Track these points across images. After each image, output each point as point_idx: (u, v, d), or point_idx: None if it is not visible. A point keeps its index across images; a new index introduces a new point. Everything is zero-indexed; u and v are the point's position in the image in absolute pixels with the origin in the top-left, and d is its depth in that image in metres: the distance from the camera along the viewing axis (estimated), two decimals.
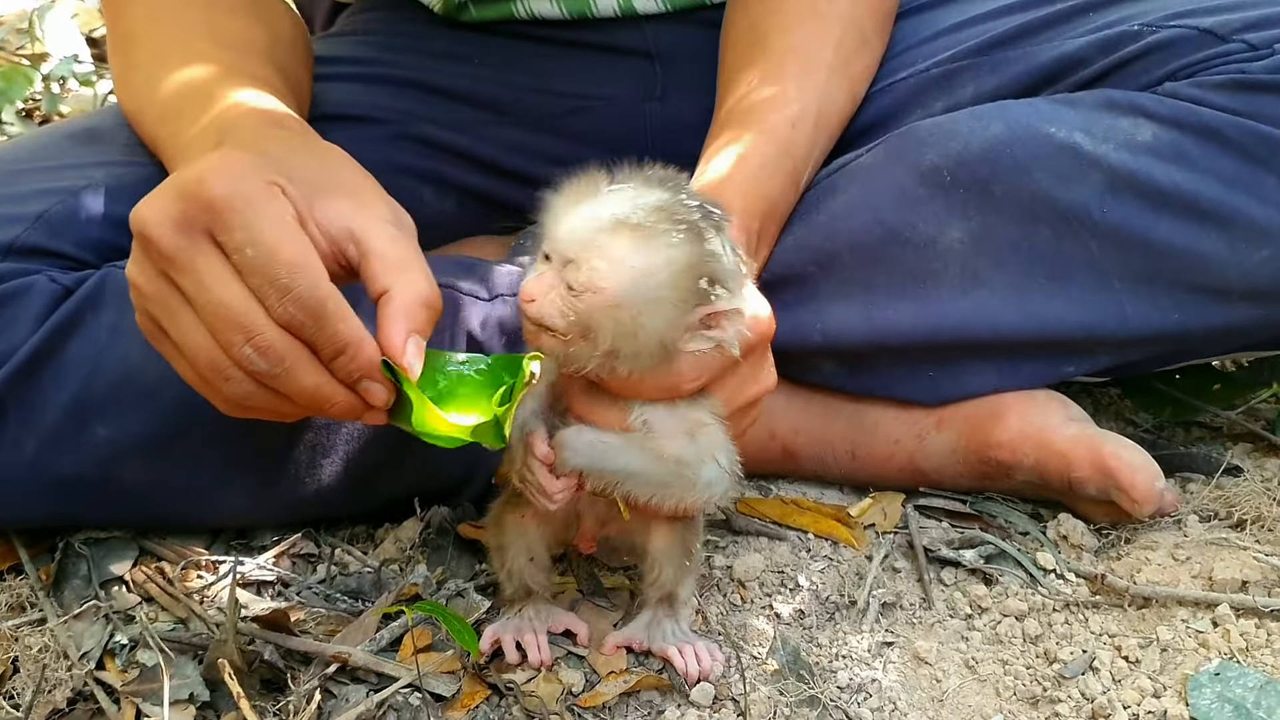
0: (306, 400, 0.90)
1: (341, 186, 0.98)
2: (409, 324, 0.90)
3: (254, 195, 0.87)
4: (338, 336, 0.87)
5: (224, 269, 0.86)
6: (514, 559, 1.11)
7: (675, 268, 0.90)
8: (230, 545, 1.29)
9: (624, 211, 0.90)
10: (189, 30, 1.26)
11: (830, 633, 1.17)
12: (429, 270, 0.94)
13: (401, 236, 0.95)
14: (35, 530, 1.26)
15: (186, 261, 0.87)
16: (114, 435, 1.17)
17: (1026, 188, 1.22)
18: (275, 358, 0.87)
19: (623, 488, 0.98)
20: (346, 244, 0.93)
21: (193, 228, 0.86)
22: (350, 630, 1.14)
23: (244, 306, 0.86)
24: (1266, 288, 1.23)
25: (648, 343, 0.92)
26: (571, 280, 0.90)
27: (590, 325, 0.91)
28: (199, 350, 0.89)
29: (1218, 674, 1.08)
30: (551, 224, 0.92)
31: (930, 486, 1.37)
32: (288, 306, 0.86)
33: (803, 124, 1.26)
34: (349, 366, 0.89)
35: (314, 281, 0.86)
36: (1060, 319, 1.25)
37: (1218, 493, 1.35)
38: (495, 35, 1.54)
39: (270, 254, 0.85)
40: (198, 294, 0.87)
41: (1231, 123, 1.20)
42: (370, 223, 0.94)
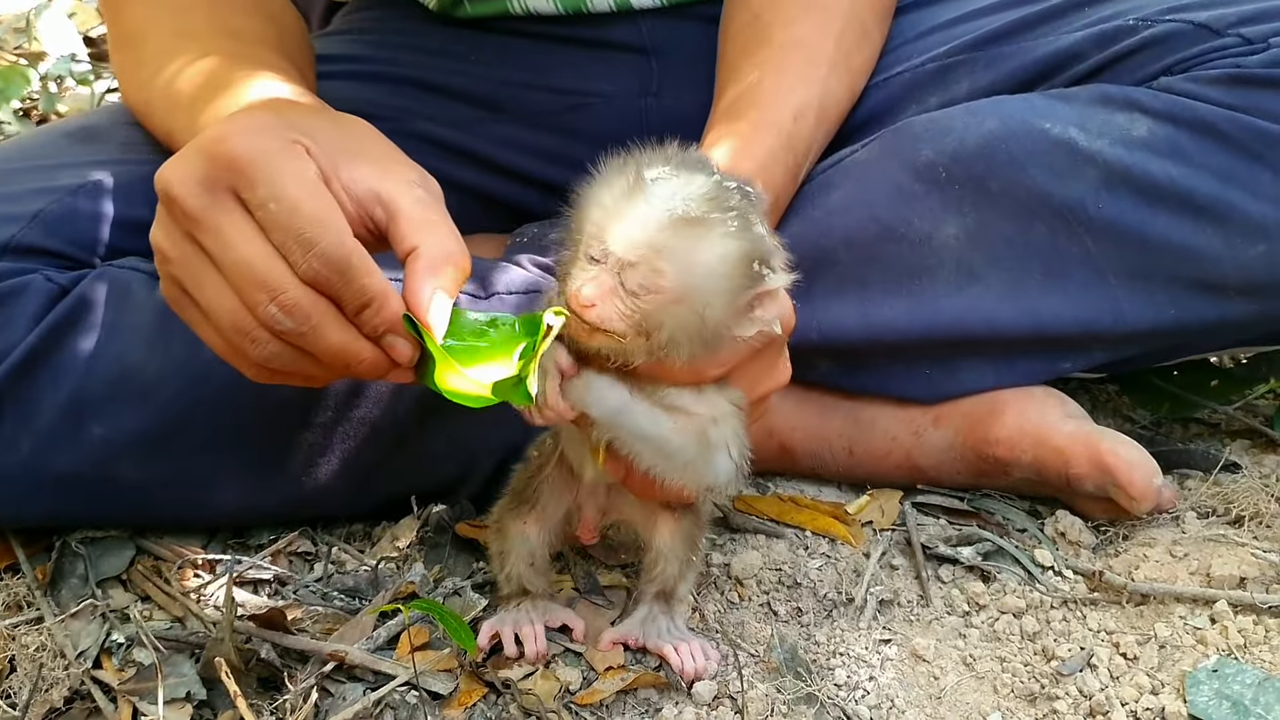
0: (333, 359, 0.89)
1: (367, 152, 0.97)
2: (435, 281, 0.89)
3: (276, 151, 0.87)
4: (364, 290, 0.87)
5: (248, 227, 0.86)
6: (515, 564, 1.11)
7: (733, 257, 0.89)
8: (227, 544, 1.29)
9: (677, 206, 0.88)
10: (197, 25, 1.26)
11: (828, 630, 1.17)
12: (456, 231, 0.93)
13: (429, 199, 0.94)
14: (32, 529, 1.26)
15: (210, 220, 0.87)
16: (110, 433, 1.17)
17: (1022, 183, 1.22)
18: (301, 316, 0.86)
19: (633, 449, 0.96)
20: (373, 206, 0.92)
21: (216, 186, 0.86)
22: (347, 629, 1.14)
23: (268, 265, 0.86)
24: (1262, 283, 1.23)
25: (706, 333, 0.92)
26: (633, 282, 0.88)
27: (652, 324, 0.90)
28: (224, 313, 0.88)
29: (1215, 671, 1.08)
30: (600, 224, 0.90)
31: (928, 484, 1.36)
32: (312, 262, 0.85)
33: (804, 117, 1.25)
34: (375, 320, 0.88)
35: (338, 236, 0.86)
36: (1056, 315, 1.25)
37: (1216, 489, 1.35)
38: (490, 32, 1.53)
39: (293, 209, 0.85)
40: (222, 253, 0.87)
41: (1227, 117, 1.20)
42: (397, 185, 0.93)
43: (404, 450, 1.25)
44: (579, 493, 1.10)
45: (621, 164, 0.92)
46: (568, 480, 1.10)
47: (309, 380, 0.96)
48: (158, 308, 1.20)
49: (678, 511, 1.09)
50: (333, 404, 1.22)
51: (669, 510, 1.08)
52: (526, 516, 1.10)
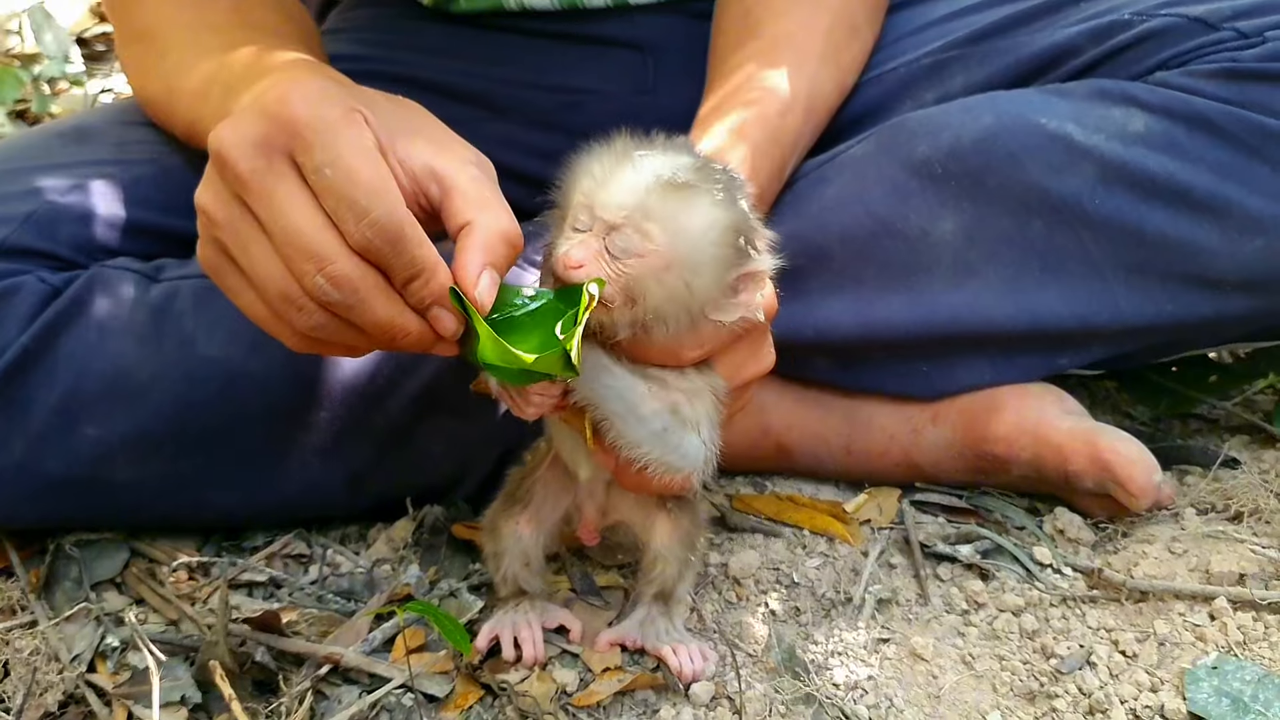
0: (379, 331, 0.88)
1: (423, 131, 0.96)
2: (486, 257, 0.88)
3: (336, 118, 0.86)
4: (414, 262, 0.85)
5: (300, 193, 0.85)
6: (509, 565, 1.10)
7: (720, 227, 0.89)
8: (221, 546, 1.29)
9: (667, 172, 0.88)
10: (220, 19, 1.25)
11: (826, 629, 1.16)
12: (510, 210, 0.92)
13: (484, 178, 0.93)
14: (25, 532, 1.26)
15: (262, 184, 0.85)
16: (104, 435, 1.17)
17: (1018, 179, 1.22)
18: (348, 288, 0.85)
19: (607, 411, 0.95)
20: (428, 183, 0.91)
21: (272, 148, 0.85)
22: (342, 631, 1.14)
23: (318, 234, 0.84)
24: (1260, 278, 1.22)
25: (691, 305, 0.91)
26: (620, 245, 0.88)
27: (638, 290, 0.89)
28: (270, 280, 0.87)
29: (1215, 668, 1.07)
30: (588, 192, 0.90)
31: (926, 481, 1.36)
32: (365, 230, 0.84)
33: (792, 112, 1.25)
34: (423, 292, 0.87)
35: (392, 205, 0.84)
36: (1053, 311, 1.24)
37: (1215, 485, 1.35)
38: (485, 29, 1.53)
39: (349, 175, 0.84)
40: (272, 219, 0.85)
41: (1224, 112, 1.19)
42: (453, 162, 0.92)
43: (399, 450, 1.25)
44: (578, 494, 1.10)
45: (608, 145, 0.93)
46: (565, 482, 1.10)
47: (350, 350, 0.95)
48: (151, 308, 1.20)
49: (674, 512, 1.08)
50: (327, 404, 1.21)
51: (665, 511, 1.08)
52: (519, 517, 1.10)
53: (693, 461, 0.97)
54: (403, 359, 1.22)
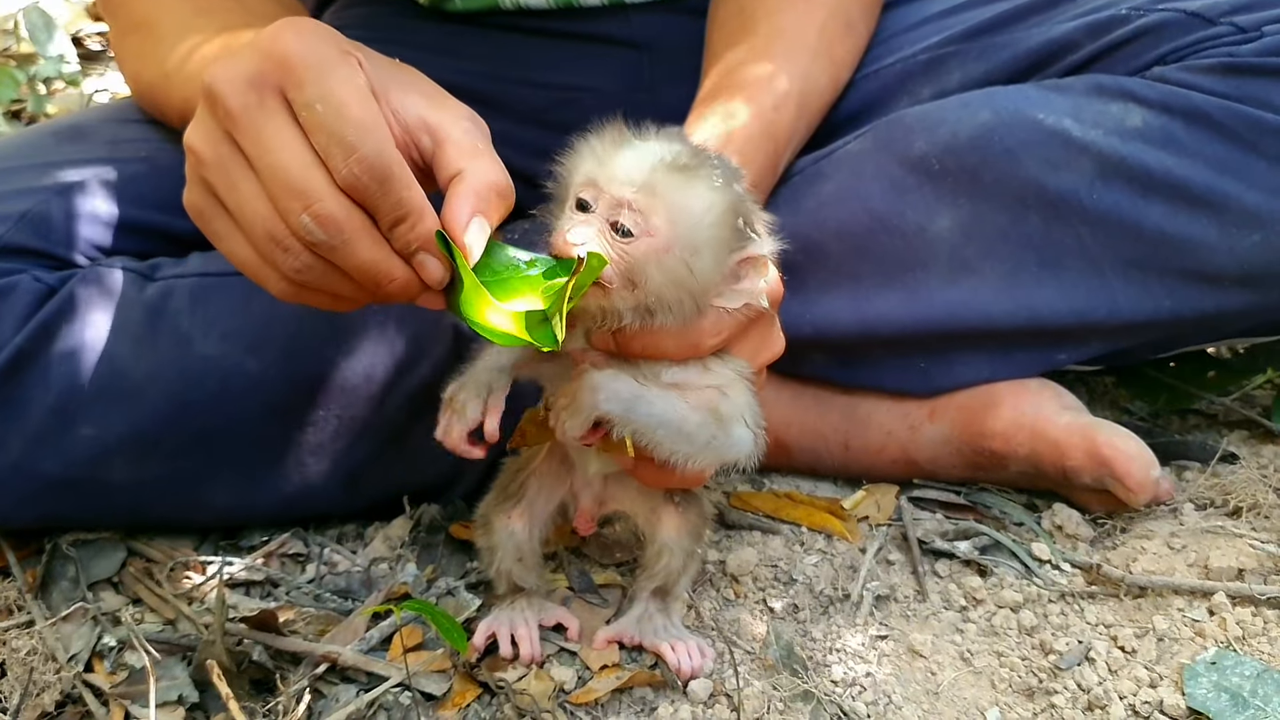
0: (364, 275, 0.87)
1: (418, 86, 0.95)
2: (476, 204, 0.87)
3: (330, 55, 0.85)
4: (401, 203, 0.85)
5: (290, 130, 0.84)
6: (502, 560, 1.10)
7: (720, 208, 0.90)
8: (218, 545, 1.29)
9: (668, 154, 0.89)
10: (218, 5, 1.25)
11: (824, 626, 1.16)
12: (502, 164, 0.91)
13: (477, 131, 0.93)
14: (22, 532, 1.26)
15: (251, 121, 0.84)
16: (100, 434, 1.17)
17: (1016, 175, 1.22)
18: (334, 228, 0.84)
19: (653, 438, 0.94)
20: (420, 134, 0.91)
21: (264, 84, 0.84)
22: (340, 630, 1.14)
23: (305, 172, 0.84)
24: (1258, 272, 1.22)
25: (693, 288, 0.91)
26: (623, 223, 0.88)
27: (639, 272, 0.89)
28: (256, 219, 0.86)
29: (1214, 663, 1.07)
30: (589, 173, 0.90)
31: (924, 478, 1.36)
32: (353, 166, 0.83)
33: (785, 106, 1.25)
34: (409, 235, 0.86)
35: (382, 143, 0.84)
36: (1051, 307, 1.24)
37: (1214, 480, 1.35)
38: (481, 27, 1.53)
39: (339, 110, 0.83)
40: (260, 156, 0.85)
41: (1221, 107, 1.19)
42: (446, 115, 0.91)
43: (396, 448, 1.25)
44: (574, 483, 1.10)
45: (603, 132, 0.93)
46: (560, 474, 1.09)
47: (335, 302, 0.93)
48: (146, 307, 1.19)
49: (681, 504, 1.08)
50: (323, 403, 1.21)
51: (673, 504, 1.08)
52: (511, 511, 1.09)
53: (746, 450, 0.98)
54: (400, 358, 1.22)
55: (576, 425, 0.93)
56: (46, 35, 2.38)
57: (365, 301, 0.93)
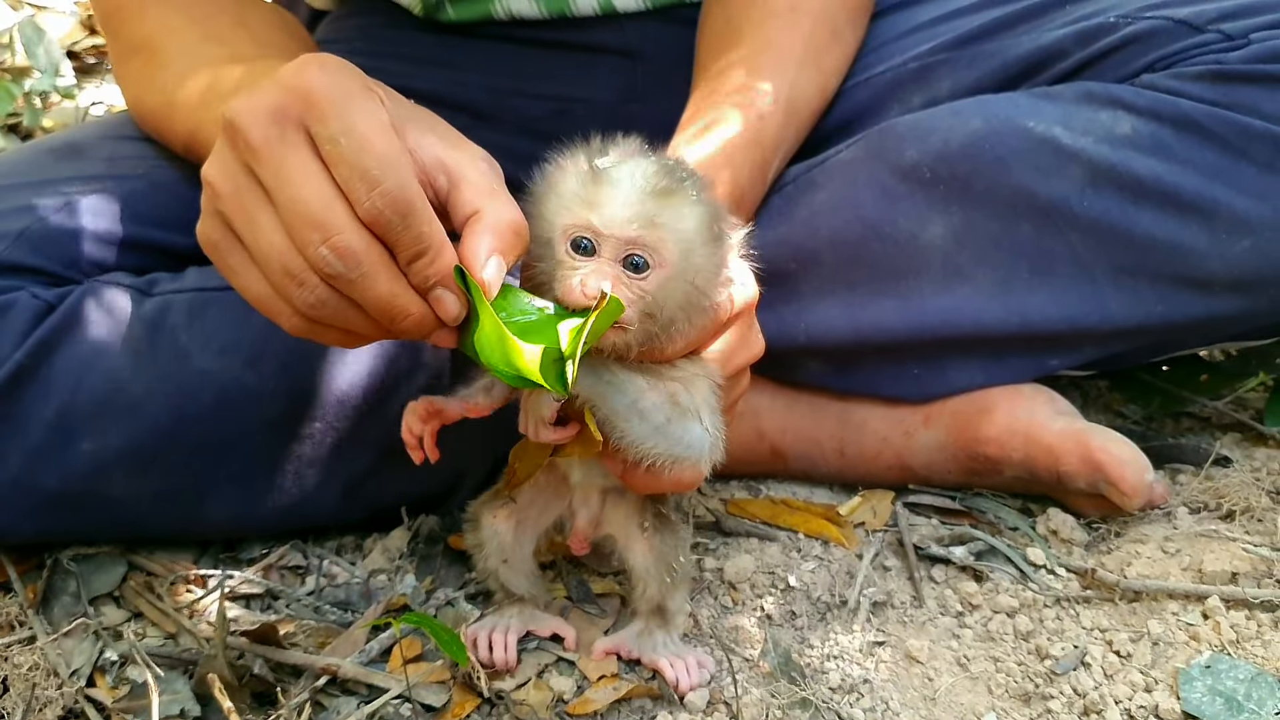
0: (380, 310, 0.87)
1: (435, 126, 0.95)
2: (495, 243, 0.87)
3: (354, 89, 0.86)
4: (421, 238, 0.85)
5: (311, 162, 0.84)
6: (488, 558, 1.11)
7: (705, 220, 0.90)
8: (218, 558, 1.29)
9: (646, 183, 0.89)
10: (222, 31, 1.26)
11: (822, 633, 1.17)
12: (518, 206, 0.91)
13: (493, 173, 0.93)
14: (22, 547, 1.26)
15: (273, 153, 0.85)
16: (99, 449, 1.17)
17: (1007, 182, 1.22)
18: (352, 260, 0.84)
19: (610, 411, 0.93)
20: (437, 174, 0.90)
21: (286, 118, 0.84)
22: (340, 642, 1.14)
23: (326, 204, 0.84)
24: (1248, 278, 1.22)
25: (700, 301, 0.92)
26: (636, 260, 0.88)
27: (655, 305, 0.90)
28: (273, 253, 0.86)
29: (1208, 667, 1.08)
30: (579, 214, 0.89)
31: (919, 483, 1.37)
32: (376, 200, 0.83)
33: (772, 115, 1.25)
34: (428, 270, 0.86)
35: (405, 176, 0.84)
36: (1043, 313, 1.25)
37: (1207, 484, 1.35)
38: (475, 38, 1.53)
39: (363, 144, 0.83)
40: (280, 188, 0.85)
41: (1210, 114, 1.19)
42: (463, 156, 0.92)
43: (394, 460, 1.25)
44: (572, 501, 1.10)
45: (560, 163, 0.93)
46: (559, 489, 1.10)
47: (346, 338, 0.93)
48: (145, 322, 1.20)
49: (649, 532, 1.08)
50: (321, 415, 1.22)
51: (641, 530, 1.08)
52: (499, 511, 1.10)
53: (698, 450, 0.97)
54: (397, 368, 1.23)
55: (545, 408, 0.93)
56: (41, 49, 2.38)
57: (377, 338, 0.93)
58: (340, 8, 1.68)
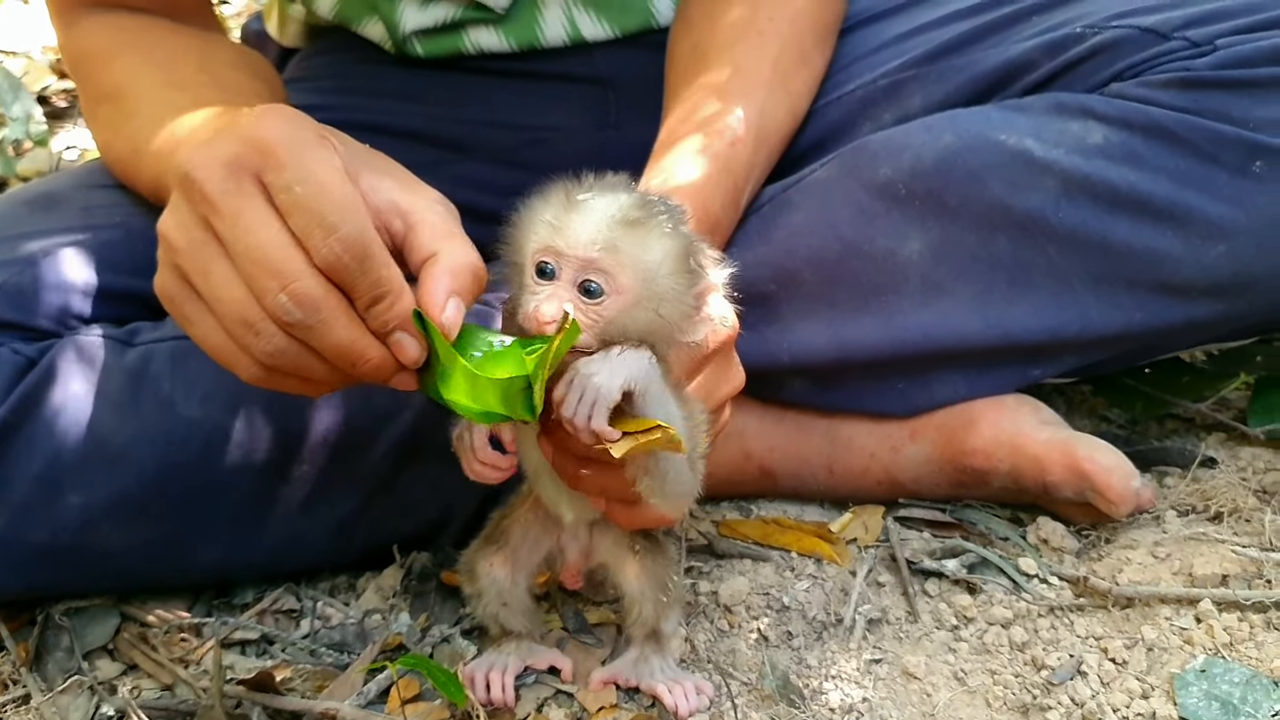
0: (339, 356, 0.88)
1: (390, 169, 0.96)
2: (453, 284, 0.88)
3: (307, 138, 0.87)
4: (379, 282, 0.86)
5: (267, 213, 0.85)
6: (488, 605, 1.11)
7: (675, 253, 0.90)
8: (211, 604, 1.28)
9: (617, 211, 0.89)
10: (187, 77, 1.26)
11: (819, 653, 1.17)
12: (474, 247, 0.92)
13: (449, 215, 0.94)
14: (13, 603, 1.25)
15: (229, 205, 0.85)
16: (87, 501, 1.17)
17: (981, 197, 1.23)
18: (311, 307, 0.85)
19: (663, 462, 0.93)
20: (392, 217, 0.91)
21: (241, 169, 0.85)
22: (337, 685, 1.14)
23: (283, 252, 0.84)
24: (1225, 282, 1.23)
25: (664, 332, 0.92)
26: (592, 285, 0.88)
27: (614, 330, 0.90)
28: (230, 303, 0.87)
29: (1204, 671, 1.08)
30: (545, 239, 0.90)
31: (908, 497, 1.37)
32: (333, 246, 0.84)
33: (742, 142, 1.26)
34: (386, 314, 0.87)
35: (361, 222, 0.85)
36: (1024, 325, 1.25)
37: (1194, 486, 1.36)
38: (446, 70, 1.53)
39: (318, 191, 0.84)
40: (237, 239, 0.85)
41: (1180, 120, 1.20)
42: (418, 199, 0.93)
43: (383, 499, 1.25)
44: (561, 536, 1.10)
45: (544, 193, 0.93)
46: (546, 524, 1.10)
47: (305, 386, 0.94)
48: (127, 373, 1.20)
49: (641, 553, 1.08)
50: (308, 456, 1.22)
51: (633, 553, 1.08)
52: (493, 557, 1.10)
53: (690, 490, 0.97)
54: (381, 408, 1.22)
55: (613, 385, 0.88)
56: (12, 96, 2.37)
57: (337, 385, 0.94)
58: (309, 45, 1.68)
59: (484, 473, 0.97)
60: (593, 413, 0.87)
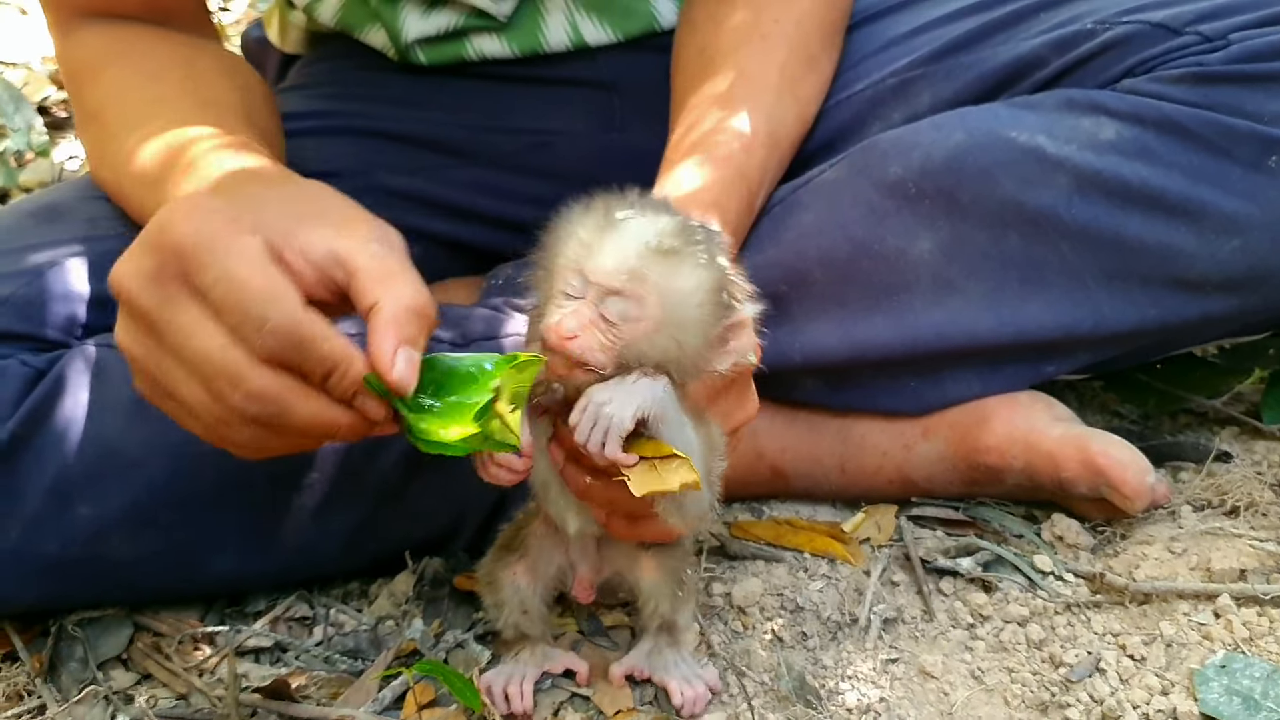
0: (310, 431, 0.88)
1: (324, 215, 0.96)
2: (398, 334, 0.87)
3: (219, 232, 0.86)
4: (325, 358, 0.86)
5: (202, 317, 0.85)
6: (509, 614, 1.10)
7: (706, 287, 0.90)
8: (224, 614, 1.28)
9: (654, 237, 0.89)
10: (165, 94, 1.26)
11: (834, 653, 1.16)
12: (419, 280, 0.91)
13: (387, 252, 0.93)
14: (25, 614, 1.25)
15: (164, 316, 0.86)
16: (99, 512, 1.16)
17: (993, 194, 1.22)
18: (268, 400, 0.85)
19: None
20: (332, 268, 0.91)
21: (166, 278, 0.85)
22: (352, 692, 1.13)
23: (225, 354, 0.85)
24: (1240, 277, 1.23)
25: (683, 361, 0.91)
26: (613, 311, 0.88)
27: (631, 354, 0.90)
28: (198, 406, 0.88)
29: (1224, 666, 1.08)
30: (576, 258, 0.90)
31: (921, 496, 1.36)
32: (267, 339, 0.84)
33: (754, 148, 1.25)
34: (342, 385, 0.87)
35: (289, 308, 0.85)
36: (1037, 322, 1.25)
37: (1209, 480, 1.36)
38: (449, 76, 1.53)
39: (240, 287, 0.84)
40: (180, 348, 0.86)
41: (1193, 116, 1.20)
42: (352, 242, 0.92)
43: (395, 506, 1.24)
44: (570, 552, 1.10)
45: (587, 205, 0.93)
46: (556, 538, 1.10)
47: (300, 448, 0.96)
48: None
49: (655, 550, 1.08)
50: (320, 466, 1.21)
51: (647, 550, 1.08)
52: (515, 566, 1.10)
53: (700, 511, 0.98)
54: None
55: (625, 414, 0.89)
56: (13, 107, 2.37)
57: (326, 443, 0.96)
58: (311, 52, 1.68)
59: (498, 474, 0.96)
60: (606, 440, 0.88)
